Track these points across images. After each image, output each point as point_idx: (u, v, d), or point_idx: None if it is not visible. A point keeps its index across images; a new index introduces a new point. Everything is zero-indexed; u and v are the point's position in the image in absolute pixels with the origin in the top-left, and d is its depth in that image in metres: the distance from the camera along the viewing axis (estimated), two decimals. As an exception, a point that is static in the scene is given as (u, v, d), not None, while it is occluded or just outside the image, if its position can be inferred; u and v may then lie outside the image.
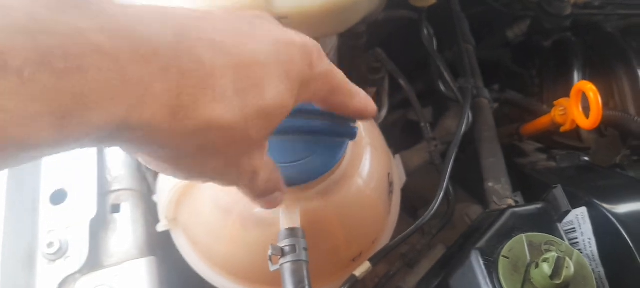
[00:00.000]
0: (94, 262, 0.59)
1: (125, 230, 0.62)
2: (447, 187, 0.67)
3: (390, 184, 0.62)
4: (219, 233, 0.55)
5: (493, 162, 0.71)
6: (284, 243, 0.50)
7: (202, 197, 0.55)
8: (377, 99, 0.87)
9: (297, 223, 0.51)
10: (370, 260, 0.58)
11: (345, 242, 0.57)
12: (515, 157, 0.84)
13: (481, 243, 0.52)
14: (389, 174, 0.62)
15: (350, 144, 0.57)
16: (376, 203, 0.59)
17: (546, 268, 0.47)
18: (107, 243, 0.61)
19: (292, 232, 0.50)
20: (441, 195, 0.66)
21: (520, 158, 0.84)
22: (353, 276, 0.56)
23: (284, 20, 0.64)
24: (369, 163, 0.58)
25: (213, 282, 0.58)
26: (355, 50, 0.87)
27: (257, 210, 0.53)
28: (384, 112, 0.85)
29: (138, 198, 0.65)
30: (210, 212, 0.55)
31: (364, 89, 0.88)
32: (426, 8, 0.80)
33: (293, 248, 0.49)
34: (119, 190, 0.65)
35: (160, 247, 0.63)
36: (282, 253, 0.49)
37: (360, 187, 0.56)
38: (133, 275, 0.58)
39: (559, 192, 0.54)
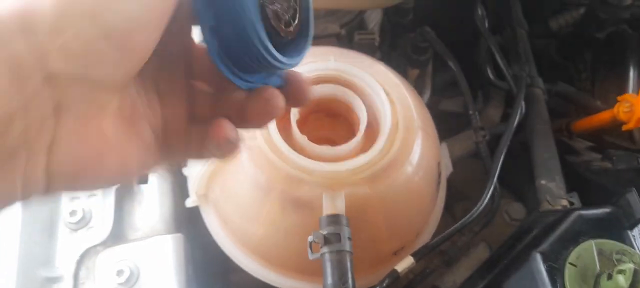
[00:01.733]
0: (117, 234, 0.56)
1: (152, 203, 0.59)
2: (495, 183, 0.62)
3: (439, 174, 0.57)
4: (254, 214, 0.50)
5: (547, 159, 0.65)
6: (327, 230, 0.45)
7: (237, 173, 0.51)
8: (419, 82, 0.82)
9: (341, 209, 0.47)
10: (413, 255, 0.53)
11: (388, 234, 0.52)
12: (564, 154, 0.78)
13: (544, 246, 0.47)
14: (438, 163, 0.57)
15: (402, 128, 0.52)
16: (424, 194, 0.54)
17: (622, 280, 0.41)
18: (132, 215, 0.57)
19: (335, 218, 0.46)
20: (490, 192, 0.61)
21: (571, 156, 0.78)
22: (394, 271, 0.52)
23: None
24: (419, 149, 0.53)
25: (243, 266, 0.54)
26: (398, 27, 0.81)
27: (300, 192, 0.48)
28: (426, 96, 0.80)
29: (167, 170, 0.61)
30: (245, 190, 0.50)
31: (406, 69, 0.83)
32: (482, -14, 0.74)
33: (336, 236, 0.45)
34: (146, 160, 0.61)
35: (188, 223, 0.59)
36: (324, 241, 0.45)
37: (409, 175, 0.51)
38: (158, 251, 0.54)
39: (632, 197, 0.49)
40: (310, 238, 0.45)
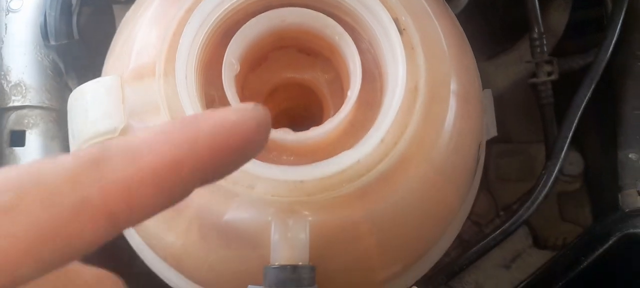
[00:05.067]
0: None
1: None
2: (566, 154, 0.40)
3: (477, 160, 0.35)
4: (165, 245, 0.30)
5: (642, 118, 0.42)
6: (275, 292, 0.26)
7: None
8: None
9: (302, 255, 0.27)
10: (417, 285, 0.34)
11: (381, 262, 0.32)
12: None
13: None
14: (479, 145, 0.34)
15: (424, 93, 0.29)
16: (448, 199, 0.33)
17: None
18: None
19: (290, 272, 0.26)
20: (556, 172, 0.39)
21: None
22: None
23: None
24: (451, 132, 0.30)
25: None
26: None
27: (230, 215, 0.28)
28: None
29: (53, 122, 0.40)
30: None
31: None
32: None
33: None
34: (22, 107, 0.40)
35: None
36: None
37: (429, 180, 0.30)
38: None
39: None
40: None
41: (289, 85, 0.37)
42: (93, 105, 0.29)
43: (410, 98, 0.29)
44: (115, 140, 0.15)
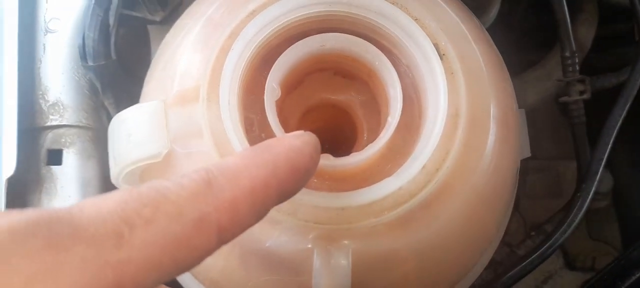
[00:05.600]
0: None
1: (70, 192, 0.40)
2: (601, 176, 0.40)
3: (515, 184, 0.35)
4: (203, 270, 0.31)
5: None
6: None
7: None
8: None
9: (345, 280, 0.27)
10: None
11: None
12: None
13: None
14: (517, 170, 0.34)
15: (465, 120, 0.29)
16: (487, 225, 0.33)
17: None
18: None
19: (334, 300, 0.26)
20: (591, 195, 0.39)
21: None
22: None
23: None
24: (490, 159, 0.30)
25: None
26: None
27: (272, 242, 0.28)
28: (493, 12, 0.53)
29: (90, 141, 0.41)
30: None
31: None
32: None
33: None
34: (59, 126, 0.40)
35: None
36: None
37: (469, 206, 0.30)
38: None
39: None
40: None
41: (323, 106, 0.38)
42: (136, 130, 0.30)
43: (451, 124, 0.29)
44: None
